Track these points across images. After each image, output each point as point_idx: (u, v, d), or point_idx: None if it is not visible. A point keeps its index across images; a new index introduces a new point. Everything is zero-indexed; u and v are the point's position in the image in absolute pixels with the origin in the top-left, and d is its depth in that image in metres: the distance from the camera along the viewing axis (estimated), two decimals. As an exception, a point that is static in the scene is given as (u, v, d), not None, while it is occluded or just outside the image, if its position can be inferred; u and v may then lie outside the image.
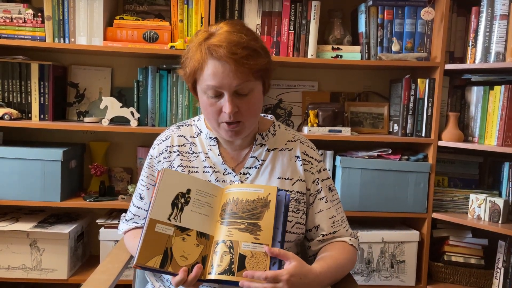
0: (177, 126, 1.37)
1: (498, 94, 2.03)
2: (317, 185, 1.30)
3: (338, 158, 2.19)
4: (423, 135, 2.19)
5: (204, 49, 1.15)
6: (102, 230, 2.13)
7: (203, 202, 1.13)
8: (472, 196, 2.14)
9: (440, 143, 2.16)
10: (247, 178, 1.26)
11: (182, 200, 1.11)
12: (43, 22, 2.07)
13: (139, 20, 2.14)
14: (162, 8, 2.31)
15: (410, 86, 2.19)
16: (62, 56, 2.31)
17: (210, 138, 1.30)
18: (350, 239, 1.29)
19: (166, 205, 1.09)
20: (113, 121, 2.14)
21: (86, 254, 2.32)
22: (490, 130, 2.07)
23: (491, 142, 2.06)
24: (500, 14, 1.99)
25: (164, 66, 2.17)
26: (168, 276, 1.24)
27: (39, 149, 2.06)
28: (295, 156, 1.30)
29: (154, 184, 1.22)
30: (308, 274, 1.07)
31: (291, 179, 1.27)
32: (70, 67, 2.31)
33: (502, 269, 2.09)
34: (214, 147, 1.29)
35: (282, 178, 1.26)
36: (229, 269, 1.04)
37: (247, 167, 1.28)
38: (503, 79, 2.11)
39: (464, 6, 2.21)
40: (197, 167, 1.27)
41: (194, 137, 1.33)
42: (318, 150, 1.38)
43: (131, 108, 2.14)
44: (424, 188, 2.18)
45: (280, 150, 1.30)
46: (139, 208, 1.35)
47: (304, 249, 1.35)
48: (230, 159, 1.30)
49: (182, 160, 1.28)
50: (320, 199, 1.29)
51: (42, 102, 2.14)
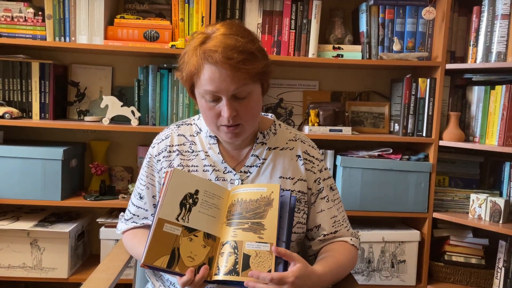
0: (177, 125, 1.36)
1: (499, 94, 2.03)
2: (318, 184, 1.29)
3: (338, 158, 2.18)
4: (424, 134, 2.18)
5: (199, 54, 1.13)
6: (102, 229, 2.13)
7: (211, 203, 1.13)
8: (473, 196, 2.14)
9: (441, 143, 2.15)
10: (247, 177, 1.26)
11: (190, 200, 1.11)
12: (43, 21, 2.07)
13: (140, 19, 2.14)
14: (163, 7, 2.31)
15: (411, 86, 2.19)
16: (63, 55, 2.30)
17: (210, 136, 1.29)
18: (351, 239, 1.29)
19: (174, 205, 1.09)
20: (113, 120, 2.13)
21: (86, 253, 2.32)
22: (491, 130, 2.07)
23: (492, 142, 2.05)
24: (502, 13, 1.98)
25: (165, 65, 2.17)
26: (168, 276, 1.24)
27: (40, 148, 2.05)
28: (296, 155, 1.30)
29: (162, 184, 1.21)
30: (311, 275, 1.07)
31: (292, 179, 1.26)
32: (71, 66, 2.31)
33: (503, 269, 2.09)
34: (214, 145, 1.29)
35: (284, 178, 1.26)
36: (233, 269, 1.04)
37: (247, 166, 1.27)
38: (504, 78, 2.11)
39: (466, 5, 2.21)
40: (197, 166, 1.27)
41: (194, 135, 1.32)
42: (319, 150, 1.38)
43: (132, 107, 2.14)
44: (425, 188, 2.17)
45: (281, 149, 1.30)
46: (139, 207, 1.33)
47: (304, 248, 1.35)
48: (230, 158, 1.29)
49: (182, 159, 1.27)
50: (322, 198, 1.29)
51: (43, 101, 2.14)
